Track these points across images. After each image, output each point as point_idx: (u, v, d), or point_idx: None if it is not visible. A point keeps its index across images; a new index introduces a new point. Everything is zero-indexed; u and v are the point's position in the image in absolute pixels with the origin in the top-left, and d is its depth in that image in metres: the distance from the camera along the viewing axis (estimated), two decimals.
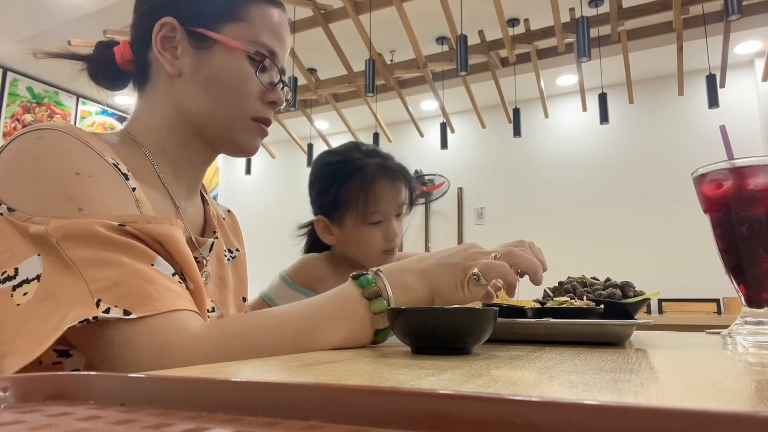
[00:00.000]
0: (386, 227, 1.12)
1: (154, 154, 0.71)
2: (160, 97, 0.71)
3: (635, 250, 4.17)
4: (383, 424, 0.22)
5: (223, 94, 0.69)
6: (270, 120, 0.74)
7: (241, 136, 0.72)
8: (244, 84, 0.69)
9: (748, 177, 0.71)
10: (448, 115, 4.19)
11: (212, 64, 0.68)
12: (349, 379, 0.34)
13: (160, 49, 0.68)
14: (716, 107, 3.32)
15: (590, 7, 3.37)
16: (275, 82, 0.74)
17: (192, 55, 0.68)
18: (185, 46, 0.69)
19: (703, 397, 0.28)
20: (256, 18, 0.70)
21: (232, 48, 0.68)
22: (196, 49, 0.68)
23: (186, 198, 0.75)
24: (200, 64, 0.68)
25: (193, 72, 0.68)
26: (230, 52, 0.68)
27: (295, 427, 0.23)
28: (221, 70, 0.68)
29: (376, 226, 1.11)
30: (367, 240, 1.11)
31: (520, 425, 0.19)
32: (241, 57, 0.69)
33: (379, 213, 1.11)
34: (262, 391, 0.26)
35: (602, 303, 0.80)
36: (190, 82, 0.69)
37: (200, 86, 0.69)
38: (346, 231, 1.13)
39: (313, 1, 3.20)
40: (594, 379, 0.34)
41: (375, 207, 1.10)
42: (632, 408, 0.18)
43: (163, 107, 0.71)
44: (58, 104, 4.80)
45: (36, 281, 0.50)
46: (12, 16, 3.64)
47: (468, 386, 0.31)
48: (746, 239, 0.71)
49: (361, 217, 1.10)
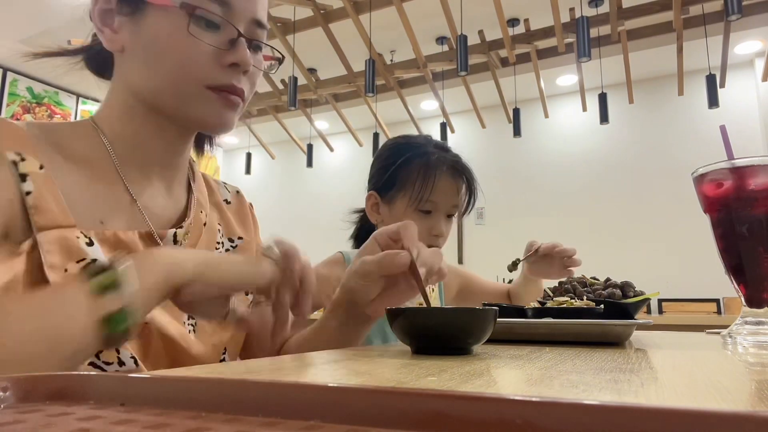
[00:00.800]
0: (434, 220, 1.11)
1: (113, 142, 0.65)
2: (114, 79, 0.65)
3: (635, 250, 4.17)
4: (383, 424, 0.22)
5: (163, 61, 0.59)
6: (234, 86, 0.62)
7: (197, 108, 0.62)
8: (184, 46, 0.59)
9: (748, 177, 0.71)
10: (448, 115, 4.20)
11: (148, 29, 0.60)
12: (349, 379, 0.34)
13: (99, 25, 0.62)
14: (716, 107, 3.32)
15: (590, 7, 3.37)
16: (232, 39, 0.61)
17: (127, 23, 0.61)
18: (122, 16, 0.61)
19: (703, 397, 0.28)
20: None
21: (162, 5, 0.59)
22: (129, 17, 0.61)
23: (147, 184, 0.67)
24: (137, 32, 0.60)
25: (132, 43, 0.61)
26: (164, 12, 0.59)
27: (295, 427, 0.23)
28: (157, 35, 0.59)
29: (425, 216, 1.10)
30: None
31: (520, 425, 0.19)
32: (179, 15, 0.59)
33: (431, 202, 1.09)
34: (262, 391, 0.26)
35: (602, 303, 0.80)
36: (132, 55, 0.61)
37: (140, 57, 0.61)
38: (394, 212, 1.12)
39: (313, 1, 3.20)
40: (594, 379, 0.34)
41: (429, 195, 1.09)
42: (632, 408, 0.18)
43: (118, 89, 0.65)
44: (58, 104, 4.80)
45: None
46: (12, 16, 3.64)
47: (468, 386, 0.31)
48: (746, 239, 0.71)
49: (413, 202, 1.09)
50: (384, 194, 1.13)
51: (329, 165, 5.68)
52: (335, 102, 4.37)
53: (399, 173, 1.11)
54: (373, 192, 1.15)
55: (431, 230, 1.10)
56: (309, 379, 0.31)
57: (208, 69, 0.60)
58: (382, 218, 1.14)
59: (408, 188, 1.10)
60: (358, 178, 5.13)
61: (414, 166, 1.10)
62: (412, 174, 1.10)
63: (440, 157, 1.12)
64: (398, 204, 1.11)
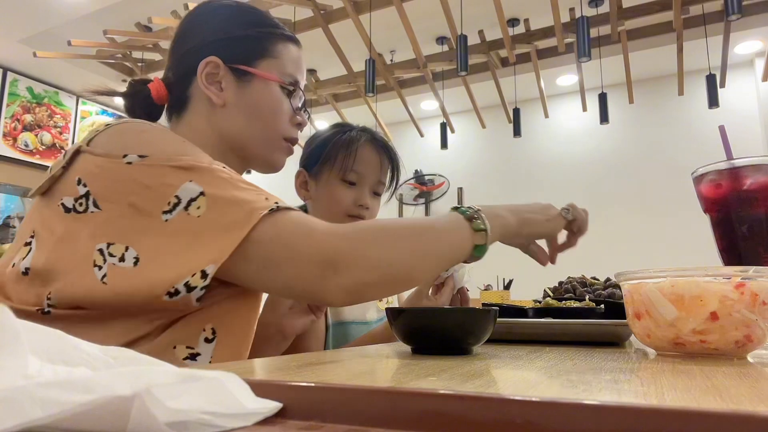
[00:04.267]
0: (359, 192, 1.14)
1: None
2: (201, 122, 0.81)
3: (635, 250, 4.17)
4: (383, 424, 0.22)
5: (261, 118, 0.81)
6: (296, 139, 0.86)
7: (274, 154, 0.84)
8: (279, 109, 0.82)
9: (747, 177, 0.71)
10: (448, 115, 4.19)
11: (253, 94, 0.80)
12: (349, 379, 0.34)
13: (205, 84, 0.79)
14: (716, 107, 3.32)
15: (590, 7, 3.37)
16: (301, 107, 0.86)
17: (234, 87, 0.80)
18: (229, 80, 0.80)
19: (703, 397, 0.28)
20: (282, 54, 0.83)
21: (268, 80, 0.81)
22: (238, 83, 0.80)
23: None
24: (242, 95, 0.80)
25: (236, 101, 0.80)
26: (266, 84, 0.81)
27: (295, 427, 0.23)
28: (260, 99, 0.81)
29: (349, 186, 1.13)
30: (336, 196, 1.13)
31: (520, 425, 0.19)
32: (275, 87, 0.81)
33: (354, 173, 1.13)
34: (263, 391, 0.26)
35: (602, 303, 0.80)
36: (232, 110, 0.80)
37: (242, 113, 0.80)
38: (320, 186, 1.15)
39: (313, 1, 3.20)
40: (594, 379, 0.34)
41: (351, 165, 1.12)
42: (632, 408, 0.18)
43: (204, 131, 0.80)
44: (58, 104, 4.80)
45: (201, 196, 0.61)
46: (12, 16, 3.64)
47: (468, 386, 0.31)
48: (746, 239, 0.71)
49: (336, 172, 1.13)
50: (310, 170, 1.17)
51: None
52: (335, 102, 4.37)
53: (323, 148, 1.15)
54: (301, 169, 1.19)
55: (357, 200, 1.13)
56: (309, 379, 0.31)
57: (287, 126, 0.83)
58: (310, 195, 1.18)
59: (332, 160, 1.13)
60: None
61: (338, 140, 1.15)
62: (336, 146, 1.14)
63: (362, 132, 1.17)
64: (324, 177, 1.14)
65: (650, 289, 0.51)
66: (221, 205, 0.60)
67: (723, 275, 0.49)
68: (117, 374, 0.19)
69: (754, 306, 0.48)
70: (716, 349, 0.49)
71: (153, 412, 0.19)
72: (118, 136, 0.66)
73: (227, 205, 0.60)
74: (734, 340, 0.48)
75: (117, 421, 0.19)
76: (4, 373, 0.18)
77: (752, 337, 0.49)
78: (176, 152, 0.64)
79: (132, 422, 0.19)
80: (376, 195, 1.17)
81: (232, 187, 0.63)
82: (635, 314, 0.54)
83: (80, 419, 0.18)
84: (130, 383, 0.19)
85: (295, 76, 0.84)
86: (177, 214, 0.60)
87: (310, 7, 3.22)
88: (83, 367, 0.21)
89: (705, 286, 0.48)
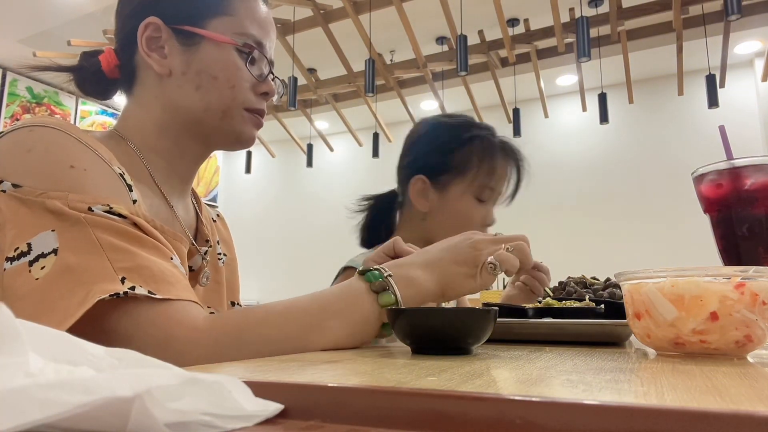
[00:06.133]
0: (488, 210, 1.03)
1: (144, 153, 0.70)
2: (149, 97, 0.71)
3: (635, 250, 4.17)
4: (383, 424, 0.22)
5: (215, 87, 0.69)
6: (263, 110, 0.74)
7: (236, 126, 0.72)
8: (235, 76, 0.69)
9: (747, 177, 0.71)
10: None
11: (202, 59, 0.69)
12: (349, 379, 0.34)
13: (146, 50, 0.68)
14: (716, 107, 3.32)
15: (590, 7, 3.37)
16: (265, 74, 0.74)
17: (180, 52, 0.69)
18: (173, 44, 0.69)
19: (703, 397, 0.28)
20: (240, 10, 0.71)
21: (220, 42, 0.69)
22: (184, 47, 0.69)
23: (178, 197, 0.75)
24: (190, 60, 0.69)
25: (184, 69, 0.69)
26: (219, 46, 0.69)
27: (295, 427, 0.23)
28: (212, 65, 0.69)
29: (480, 204, 1.02)
30: (466, 215, 1.00)
31: (520, 425, 0.19)
32: (230, 50, 0.69)
33: (492, 190, 1.01)
34: (263, 391, 0.26)
35: (602, 303, 0.80)
36: (180, 79, 0.69)
37: (192, 82, 0.69)
38: (446, 199, 1.02)
39: (313, 1, 3.20)
40: (594, 379, 0.34)
41: (491, 182, 1.00)
42: (632, 408, 0.18)
43: (153, 107, 0.70)
44: (58, 104, 4.80)
45: (53, 255, 0.50)
46: (12, 16, 3.64)
47: (468, 386, 0.31)
48: (746, 239, 0.71)
49: (473, 189, 1.00)
50: (435, 179, 1.03)
51: (329, 165, 5.68)
52: (335, 102, 4.37)
53: (456, 156, 1.01)
54: (421, 176, 1.03)
55: (485, 220, 1.03)
56: (309, 379, 0.31)
57: (249, 95, 0.71)
58: (430, 205, 1.04)
59: (467, 174, 1.00)
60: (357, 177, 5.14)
61: (476, 149, 1.01)
62: (474, 158, 1.00)
63: (501, 141, 1.04)
64: (453, 190, 1.01)
65: (650, 289, 0.51)
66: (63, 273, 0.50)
67: (723, 275, 0.49)
68: (118, 375, 0.19)
69: (754, 306, 0.48)
70: (716, 349, 0.49)
71: (153, 413, 0.19)
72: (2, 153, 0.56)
73: (68, 273, 0.49)
74: (734, 340, 0.48)
75: (117, 422, 0.19)
76: (4, 372, 0.18)
77: (752, 337, 0.49)
78: (57, 184, 0.53)
79: (132, 423, 0.19)
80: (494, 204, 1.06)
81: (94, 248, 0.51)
82: (635, 314, 0.54)
83: (79, 420, 0.18)
84: (131, 384, 0.19)
85: (258, 37, 0.72)
86: (15, 267, 0.50)
87: (309, 7, 3.22)
88: (86, 366, 0.21)
89: (705, 286, 0.48)
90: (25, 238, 0.51)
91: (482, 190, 1.00)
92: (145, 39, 0.68)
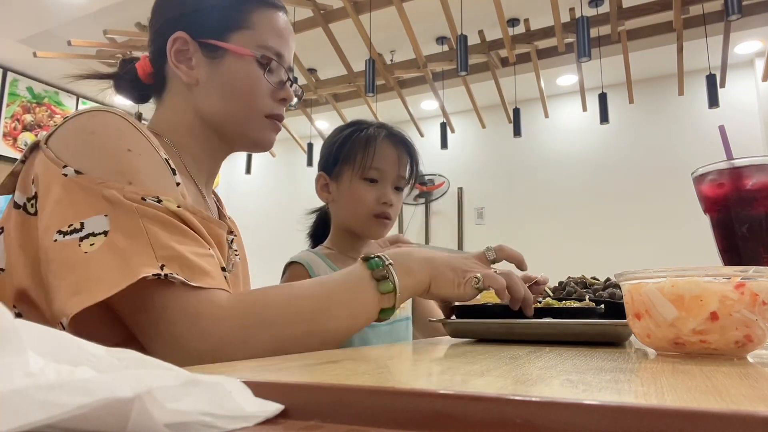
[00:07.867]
0: (381, 189, 1.13)
1: (177, 149, 0.76)
2: (179, 102, 0.77)
3: (635, 250, 4.17)
4: (383, 424, 0.22)
5: (237, 97, 0.76)
6: (282, 116, 0.81)
7: (256, 132, 0.79)
8: (255, 86, 0.76)
9: (747, 177, 0.71)
10: (448, 115, 4.19)
11: (225, 71, 0.75)
12: (349, 379, 0.34)
13: (175, 62, 0.74)
14: (716, 107, 3.32)
15: (590, 7, 3.37)
16: (284, 81, 0.80)
17: (206, 64, 0.75)
18: (199, 57, 0.75)
19: (703, 397, 0.28)
20: (259, 24, 0.77)
21: (241, 54, 0.75)
22: (209, 59, 0.75)
23: (206, 191, 0.81)
24: (214, 72, 0.75)
25: (209, 80, 0.75)
26: (240, 59, 0.75)
27: (295, 427, 0.23)
28: (234, 76, 0.75)
29: (371, 185, 1.13)
30: (359, 197, 1.12)
31: (520, 425, 0.19)
32: (251, 62, 0.75)
33: (375, 170, 1.12)
34: (263, 391, 0.26)
35: (602, 303, 0.80)
36: (206, 88, 0.75)
37: (216, 92, 0.75)
38: (342, 187, 1.15)
39: (313, 1, 3.20)
40: (594, 379, 0.34)
41: (372, 162, 1.12)
42: (632, 408, 0.18)
43: (183, 111, 0.77)
44: (58, 104, 4.80)
45: (103, 235, 0.56)
46: (12, 16, 3.64)
47: (468, 386, 0.31)
48: (746, 239, 0.71)
49: (357, 171, 1.12)
50: (331, 172, 1.17)
51: None
52: (335, 102, 4.37)
53: (342, 150, 1.15)
54: (321, 173, 1.19)
55: (380, 198, 1.12)
56: (309, 379, 0.31)
57: (268, 102, 0.78)
58: (332, 197, 1.18)
59: (351, 161, 1.13)
60: None
61: (355, 141, 1.15)
62: (354, 147, 1.14)
63: (379, 128, 1.17)
64: (345, 177, 1.14)
65: (650, 289, 0.51)
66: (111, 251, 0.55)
67: (723, 275, 0.49)
68: (118, 376, 0.19)
69: (754, 306, 0.48)
70: (716, 349, 0.49)
71: (153, 414, 0.19)
72: (66, 139, 0.62)
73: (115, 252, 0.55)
74: (734, 340, 0.48)
75: (117, 423, 0.19)
76: (4, 372, 0.18)
77: (752, 337, 0.49)
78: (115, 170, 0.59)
79: (132, 423, 0.19)
80: (398, 190, 1.17)
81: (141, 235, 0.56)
82: (635, 314, 0.54)
83: (80, 420, 0.18)
84: (131, 385, 0.19)
85: (276, 47, 0.77)
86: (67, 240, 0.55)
87: (309, 7, 3.22)
88: (86, 366, 0.21)
89: (705, 286, 0.48)
90: (79, 218, 0.56)
91: (368, 170, 1.12)
92: (174, 52, 0.74)
